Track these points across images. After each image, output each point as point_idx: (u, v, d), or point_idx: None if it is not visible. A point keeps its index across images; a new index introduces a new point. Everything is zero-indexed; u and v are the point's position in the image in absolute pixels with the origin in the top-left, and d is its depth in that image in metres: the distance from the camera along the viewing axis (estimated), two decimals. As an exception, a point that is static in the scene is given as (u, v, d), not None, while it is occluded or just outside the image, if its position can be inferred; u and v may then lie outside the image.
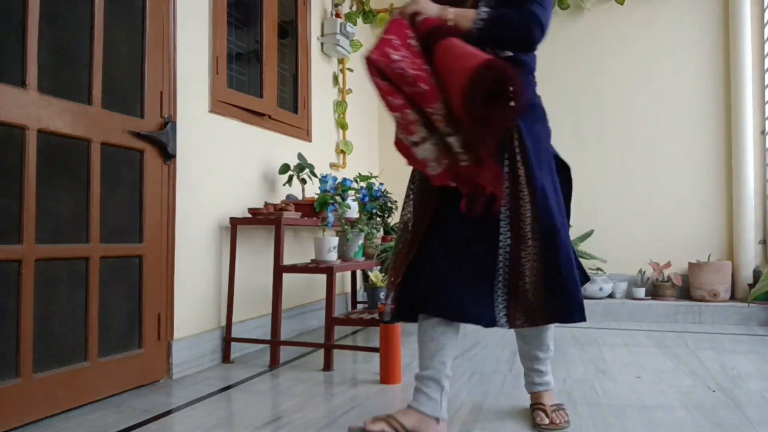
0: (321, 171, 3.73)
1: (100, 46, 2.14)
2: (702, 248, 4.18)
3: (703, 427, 1.84)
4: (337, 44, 3.94)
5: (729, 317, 3.86)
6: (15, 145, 1.84)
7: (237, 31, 3.11)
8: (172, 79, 2.49)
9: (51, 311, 1.96)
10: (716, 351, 3.00)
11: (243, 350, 2.95)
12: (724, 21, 4.22)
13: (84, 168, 2.08)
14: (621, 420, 1.92)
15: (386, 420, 1.64)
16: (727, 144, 4.20)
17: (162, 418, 1.97)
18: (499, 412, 2.00)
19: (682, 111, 4.29)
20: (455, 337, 1.77)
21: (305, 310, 3.58)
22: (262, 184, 3.22)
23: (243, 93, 3.04)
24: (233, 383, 2.41)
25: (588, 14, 4.47)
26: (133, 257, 2.30)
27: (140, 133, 2.30)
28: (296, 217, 2.90)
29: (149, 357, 2.36)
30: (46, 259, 1.93)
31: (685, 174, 4.27)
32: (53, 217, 1.97)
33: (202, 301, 2.70)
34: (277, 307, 2.72)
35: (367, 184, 3.43)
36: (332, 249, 2.82)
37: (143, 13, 2.36)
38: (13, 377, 1.82)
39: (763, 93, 4.10)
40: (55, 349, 1.97)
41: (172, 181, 2.49)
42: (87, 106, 2.08)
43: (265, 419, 1.94)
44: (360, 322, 2.68)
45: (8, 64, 1.82)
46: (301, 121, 3.63)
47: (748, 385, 2.34)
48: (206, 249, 2.72)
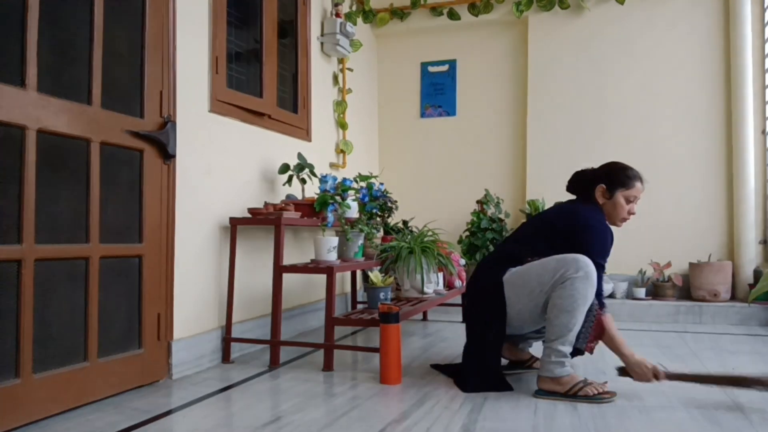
0: (321, 171, 3.73)
1: (99, 46, 2.13)
2: (702, 248, 4.18)
3: (703, 427, 1.84)
4: (337, 44, 3.94)
5: (729, 317, 3.86)
6: (14, 145, 1.83)
7: (237, 30, 3.10)
8: (171, 79, 2.48)
9: (51, 311, 1.95)
10: (717, 351, 3.00)
11: (243, 350, 2.95)
12: (724, 20, 4.22)
13: (83, 168, 2.08)
14: (621, 420, 1.91)
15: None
16: (727, 144, 4.20)
17: (162, 418, 1.97)
18: (499, 413, 2.00)
19: (682, 111, 4.29)
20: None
21: (305, 310, 3.58)
22: (262, 184, 3.21)
23: (243, 93, 3.04)
24: (233, 383, 2.41)
25: (588, 14, 4.47)
26: (133, 257, 2.30)
27: (140, 132, 2.30)
28: (296, 217, 2.90)
29: (149, 357, 2.35)
30: (46, 259, 1.92)
31: (685, 174, 4.27)
32: (53, 217, 1.96)
33: (202, 301, 2.69)
34: (277, 307, 2.72)
35: (367, 184, 3.43)
36: (332, 249, 2.81)
37: (143, 12, 2.35)
38: (12, 377, 1.81)
39: (763, 93, 4.09)
40: (54, 349, 1.97)
41: (172, 181, 2.48)
42: (86, 105, 2.08)
43: (265, 419, 1.94)
44: (360, 322, 2.68)
45: (8, 64, 1.82)
46: (300, 120, 3.63)
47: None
48: (206, 249, 2.72)
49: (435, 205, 4.73)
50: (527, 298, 2.21)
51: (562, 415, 1.97)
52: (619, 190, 2.34)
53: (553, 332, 2.15)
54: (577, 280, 2.10)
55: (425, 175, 4.89)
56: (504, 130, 4.73)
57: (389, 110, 5.02)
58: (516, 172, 4.69)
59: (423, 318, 4.09)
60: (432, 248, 3.18)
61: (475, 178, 4.74)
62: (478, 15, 4.63)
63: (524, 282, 2.22)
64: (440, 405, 2.08)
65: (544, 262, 2.20)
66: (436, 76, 4.90)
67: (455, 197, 4.75)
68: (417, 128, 4.94)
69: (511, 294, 2.24)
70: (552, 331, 2.15)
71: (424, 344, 3.20)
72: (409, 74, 4.98)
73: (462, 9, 4.69)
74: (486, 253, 4.29)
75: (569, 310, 2.11)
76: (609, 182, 2.36)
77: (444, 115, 4.88)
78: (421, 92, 4.95)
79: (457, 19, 4.71)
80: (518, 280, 2.24)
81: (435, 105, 4.90)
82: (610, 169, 2.40)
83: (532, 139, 4.55)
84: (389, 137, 5.01)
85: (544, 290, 2.17)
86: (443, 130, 4.87)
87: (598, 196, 2.37)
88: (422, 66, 4.94)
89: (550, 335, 2.16)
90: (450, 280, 3.65)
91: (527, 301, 2.21)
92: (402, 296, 3.28)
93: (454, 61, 4.87)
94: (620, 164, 2.41)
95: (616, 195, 2.35)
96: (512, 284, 2.25)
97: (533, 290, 2.19)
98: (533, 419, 1.92)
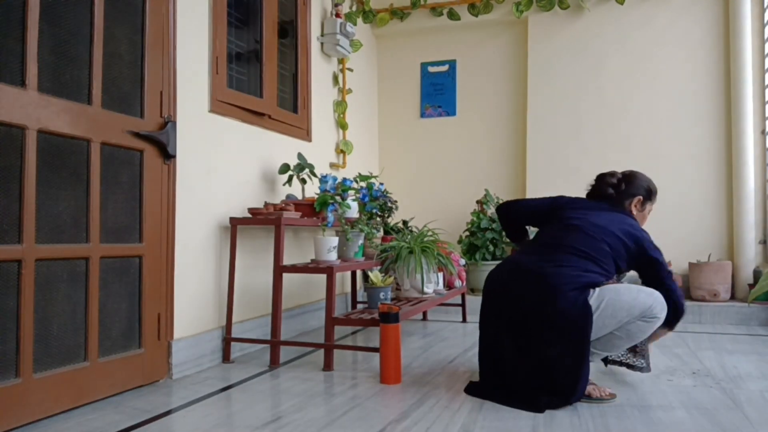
0: (321, 171, 3.73)
1: (99, 45, 2.13)
2: (702, 248, 4.18)
3: (703, 427, 1.84)
4: (337, 44, 3.94)
5: (729, 317, 3.86)
6: (15, 145, 1.83)
7: (237, 30, 3.11)
8: (171, 79, 2.49)
9: (51, 311, 1.96)
10: (716, 351, 3.00)
11: (243, 350, 2.95)
12: (724, 20, 4.22)
13: (84, 168, 2.08)
14: (621, 420, 1.92)
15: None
16: (727, 144, 4.20)
17: (162, 418, 1.97)
18: (499, 412, 2.00)
19: (682, 111, 4.29)
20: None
21: (305, 310, 3.58)
22: (262, 184, 3.21)
23: (243, 93, 3.04)
24: (233, 383, 2.41)
25: (588, 14, 4.47)
26: (133, 257, 2.30)
27: (140, 132, 2.30)
28: (296, 217, 2.90)
29: (149, 357, 2.36)
30: (46, 259, 1.93)
31: (685, 174, 4.27)
32: (53, 217, 1.97)
33: (202, 301, 2.69)
34: (277, 307, 2.72)
35: (367, 184, 3.43)
36: (332, 249, 2.82)
37: (143, 12, 2.35)
38: (13, 377, 1.82)
39: (763, 93, 4.09)
40: (54, 349, 1.97)
41: (172, 181, 2.49)
42: (87, 105, 2.08)
43: (265, 419, 1.94)
44: (360, 322, 2.68)
45: (8, 64, 1.82)
46: (300, 120, 3.63)
47: (748, 385, 2.34)
48: (206, 249, 2.72)
49: (435, 205, 4.73)
50: (611, 327, 2.11)
51: (561, 414, 1.97)
52: (648, 204, 2.41)
53: (604, 346, 2.17)
54: (656, 321, 2.12)
55: (425, 175, 4.89)
56: (504, 130, 4.73)
57: (389, 110, 5.02)
58: (516, 172, 4.69)
59: (423, 318, 4.09)
60: (432, 248, 3.18)
61: (475, 178, 4.74)
62: (478, 15, 4.64)
63: (613, 312, 2.07)
64: (440, 405, 2.08)
65: (635, 295, 2.09)
66: (436, 76, 4.90)
67: (455, 197, 4.75)
68: (417, 128, 4.94)
69: (599, 322, 2.07)
70: (604, 345, 2.16)
71: (424, 344, 3.20)
72: (409, 74, 4.98)
73: (462, 9, 4.69)
74: (486, 253, 4.28)
75: (633, 339, 2.15)
76: (644, 195, 2.38)
77: (444, 115, 4.88)
78: (421, 92, 4.95)
79: (456, 20, 4.71)
80: (608, 309, 2.07)
81: (435, 105, 4.90)
82: (644, 181, 2.40)
83: (532, 139, 4.55)
84: (389, 137, 5.01)
85: (630, 321, 2.09)
86: (443, 130, 4.87)
87: (632, 206, 2.37)
88: (422, 66, 4.94)
89: (599, 347, 2.16)
90: (450, 280, 3.65)
91: (610, 328, 2.11)
92: (402, 296, 3.28)
93: (454, 61, 4.87)
94: (646, 176, 2.44)
95: (646, 208, 2.41)
96: (601, 313, 2.06)
97: (621, 320, 2.09)
98: (533, 419, 1.92)
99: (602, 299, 2.07)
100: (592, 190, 2.46)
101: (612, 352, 2.21)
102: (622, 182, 2.39)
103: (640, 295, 2.10)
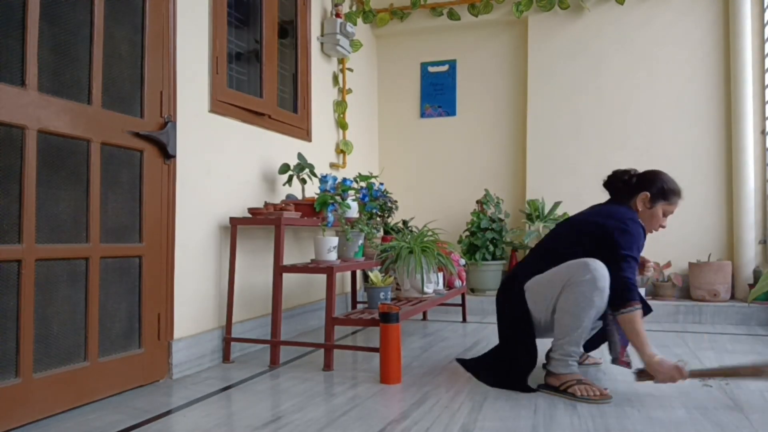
0: (321, 171, 3.73)
1: (99, 45, 2.14)
2: (702, 248, 4.18)
3: (703, 427, 1.84)
4: (337, 44, 3.94)
5: (729, 317, 3.86)
6: (15, 145, 1.83)
7: (237, 30, 3.11)
8: (171, 79, 2.49)
9: (51, 311, 1.96)
10: (716, 351, 3.00)
11: (243, 350, 2.95)
12: (724, 20, 4.22)
13: (84, 168, 2.08)
14: (620, 419, 1.91)
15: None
16: (727, 144, 4.20)
17: (162, 418, 1.97)
18: (499, 412, 2.00)
19: (682, 111, 4.29)
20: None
21: (305, 310, 3.58)
22: (262, 184, 3.21)
23: (243, 93, 3.04)
24: (233, 383, 2.41)
25: (588, 14, 4.47)
26: (133, 257, 2.30)
27: (140, 133, 2.30)
28: (296, 217, 2.90)
29: (149, 357, 2.36)
30: (46, 259, 1.93)
31: (685, 174, 4.23)
32: (53, 217, 1.97)
33: (202, 301, 2.70)
34: (277, 307, 2.72)
35: (367, 184, 3.43)
36: (332, 249, 2.82)
37: (143, 12, 2.35)
38: (12, 377, 1.82)
39: (763, 93, 4.09)
40: (54, 349, 1.97)
41: (172, 181, 2.49)
42: (87, 105, 2.08)
43: (265, 419, 1.94)
44: (360, 322, 2.68)
45: (8, 64, 1.82)
46: (300, 120, 3.63)
47: (748, 385, 2.33)
48: (206, 249, 2.72)
49: (435, 205, 4.74)
50: (543, 303, 2.25)
51: (561, 414, 1.97)
52: (660, 203, 2.34)
53: (560, 332, 2.20)
54: (582, 284, 2.12)
55: (425, 175, 4.89)
56: (504, 130, 4.73)
57: (389, 110, 5.02)
58: (516, 172, 4.69)
59: (423, 318, 4.09)
60: (432, 248, 3.18)
61: (475, 178, 4.74)
62: (478, 15, 4.64)
63: (540, 288, 2.27)
64: (440, 405, 2.08)
65: (559, 268, 2.23)
66: (436, 76, 4.90)
67: (455, 197, 4.75)
68: (417, 128, 4.94)
69: (531, 300, 2.29)
70: (558, 330, 2.20)
71: (424, 344, 3.20)
72: (408, 74, 4.98)
73: (462, 9, 4.69)
74: (486, 253, 4.29)
75: (573, 312, 2.14)
76: (654, 192, 2.34)
77: (444, 115, 4.88)
78: (421, 92, 4.95)
79: (457, 20, 4.71)
80: (536, 286, 2.29)
81: (435, 105, 4.90)
82: (658, 180, 2.36)
83: (532, 139, 4.55)
84: (389, 137, 5.01)
85: (555, 295, 2.21)
86: (443, 130, 4.87)
87: (639, 203, 2.36)
88: (422, 66, 4.94)
89: (557, 334, 2.21)
90: (450, 280, 3.65)
91: (544, 306, 2.25)
92: (402, 296, 3.28)
93: (453, 61, 4.87)
94: (668, 177, 2.38)
95: (656, 206, 2.35)
96: (532, 291, 2.29)
97: (547, 296, 2.24)
98: (533, 419, 1.92)
99: (534, 279, 2.29)
100: (605, 181, 2.50)
101: (566, 335, 2.17)
102: (633, 177, 2.39)
103: (563, 267, 2.21)
